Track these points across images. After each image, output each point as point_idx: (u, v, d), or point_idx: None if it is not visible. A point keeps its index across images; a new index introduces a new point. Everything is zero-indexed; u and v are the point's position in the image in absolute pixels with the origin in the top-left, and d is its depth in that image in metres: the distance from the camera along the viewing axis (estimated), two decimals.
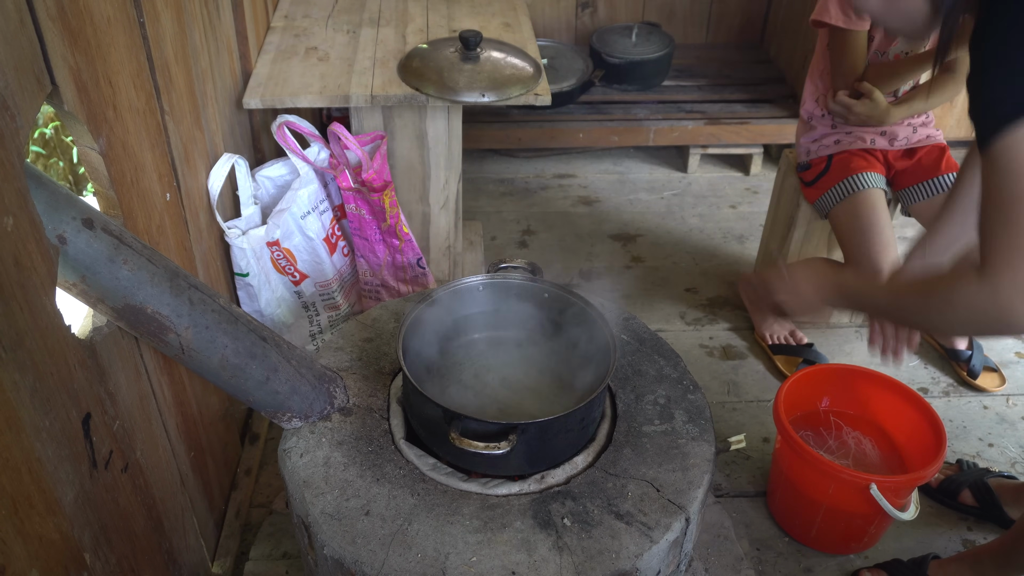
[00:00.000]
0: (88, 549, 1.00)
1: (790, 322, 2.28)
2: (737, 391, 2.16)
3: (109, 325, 1.12)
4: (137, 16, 1.25)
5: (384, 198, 1.90)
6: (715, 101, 3.02)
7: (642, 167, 3.13)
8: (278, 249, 1.87)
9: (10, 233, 0.81)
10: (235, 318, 1.16)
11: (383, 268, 2.07)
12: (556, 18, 3.27)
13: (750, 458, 1.97)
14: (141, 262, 1.03)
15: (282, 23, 2.20)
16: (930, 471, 1.57)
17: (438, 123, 1.94)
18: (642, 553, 1.11)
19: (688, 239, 2.74)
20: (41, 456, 0.88)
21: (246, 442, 1.89)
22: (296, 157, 1.90)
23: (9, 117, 0.82)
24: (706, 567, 1.59)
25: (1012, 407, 2.11)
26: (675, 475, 1.22)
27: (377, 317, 1.52)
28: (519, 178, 3.06)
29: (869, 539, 1.73)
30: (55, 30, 0.96)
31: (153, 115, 1.32)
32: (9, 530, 0.82)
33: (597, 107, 2.98)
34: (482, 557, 1.10)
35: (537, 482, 1.21)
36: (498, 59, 1.96)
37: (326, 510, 1.15)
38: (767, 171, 3.08)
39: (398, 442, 1.26)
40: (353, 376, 1.38)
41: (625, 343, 1.47)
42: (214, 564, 1.61)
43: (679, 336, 2.33)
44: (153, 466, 1.28)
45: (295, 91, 1.87)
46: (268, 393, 1.21)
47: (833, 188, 2.00)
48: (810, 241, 2.22)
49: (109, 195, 1.16)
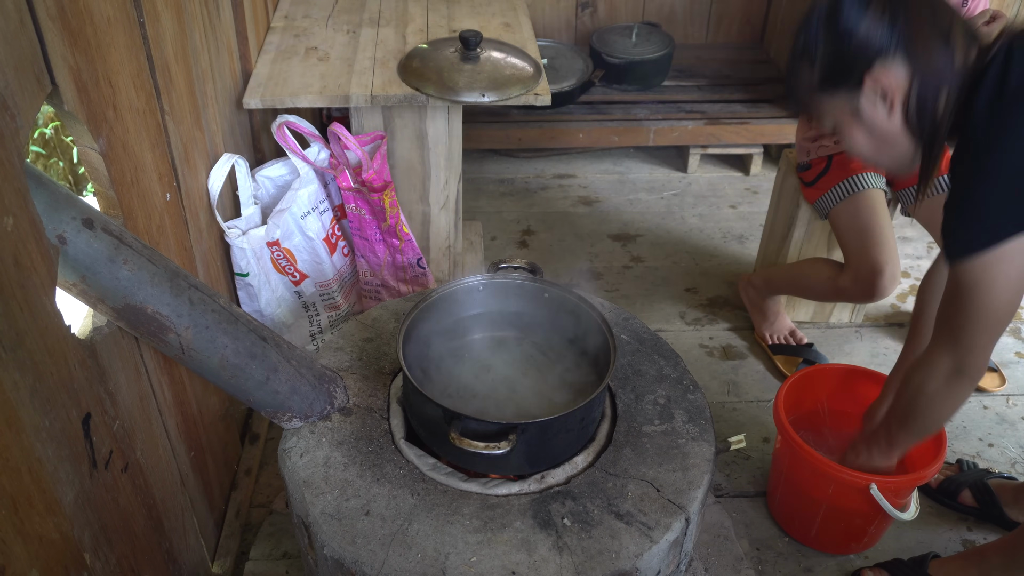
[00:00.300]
0: (88, 549, 1.00)
1: (790, 322, 2.29)
2: (737, 391, 2.16)
3: (109, 325, 1.12)
4: (137, 16, 1.25)
5: (384, 198, 1.90)
6: (715, 101, 3.02)
7: (642, 167, 3.13)
8: (278, 249, 1.87)
9: (10, 233, 0.81)
10: (235, 318, 1.16)
11: (383, 268, 2.07)
12: (556, 18, 3.27)
13: (750, 458, 1.97)
14: (141, 262, 1.03)
15: (282, 23, 2.20)
16: (930, 471, 1.57)
17: (438, 123, 1.94)
18: (642, 553, 1.11)
19: (688, 239, 2.74)
20: (41, 456, 0.88)
21: (246, 442, 1.89)
22: (296, 157, 1.90)
23: (9, 117, 0.82)
24: (706, 567, 1.59)
25: (1012, 407, 2.11)
26: (675, 475, 1.22)
27: (377, 317, 1.52)
28: (519, 178, 3.06)
29: (869, 539, 1.73)
30: (55, 30, 0.96)
31: (153, 115, 1.32)
32: (9, 530, 0.82)
33: (597, 107, 2.98)
34: (482, 557, 1.10)
35: (537, 482, 1.21)
36: (498, 59, 1.96)
37: (326, 510, 1.15)
38: (767, 171, 3.08)
39: (398, 442, 1.26)
40: (353, 376, 1.38)
41: (625, 343, 1.47)
42: (214, 564, 1.61)
43: (679, 336, 2.33)
44: (153, 466, 1.28)
45: (295, 91, 1.87)
46: (268, 393, 1.21)
47: (833, 188, 2.00)
48: (810, 241, 2.22)
49: (109, 195, 1.16)
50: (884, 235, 1.90)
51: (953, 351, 1.26)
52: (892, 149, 1.24)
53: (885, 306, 2.45)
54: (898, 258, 1.90)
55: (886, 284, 1.90)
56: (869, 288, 1.92)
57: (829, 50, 1.21)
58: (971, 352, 1.24)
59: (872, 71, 1.18)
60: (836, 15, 1.19)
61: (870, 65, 1.17)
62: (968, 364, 1.26)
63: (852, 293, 1.98)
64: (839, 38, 1.19)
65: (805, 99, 1.29)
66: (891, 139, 1.23)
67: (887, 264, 1.88)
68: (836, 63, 1.21)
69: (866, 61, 1.18)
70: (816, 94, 1.26)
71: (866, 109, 1.21)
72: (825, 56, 1.22)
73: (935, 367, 1.29)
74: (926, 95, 1.17)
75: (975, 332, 1.22)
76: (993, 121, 1.12)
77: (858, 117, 1.23)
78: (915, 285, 2.54)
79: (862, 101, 1.21)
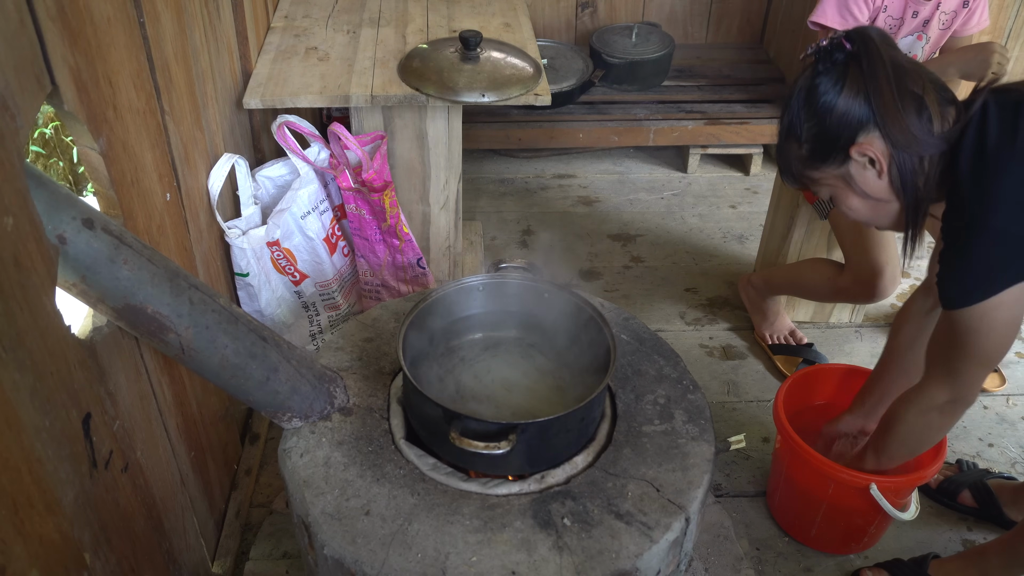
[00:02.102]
0: (88, 549, 1.00)
1: (789, 322, 2.29)
2: (737, 391, 2.16)
3: (109, 325, 1.12)
4: (137, 16, 1.25)
5: (384, 198, 1.90)
6: (715, 101, 3.02)
7: (642, 167, 3.13)
8: (278, 249, 1.87)
9: (10, 233, 0.81)
10: (235, 318, 1.16)
11: (383, 268, 2.07)
12: (556, 18, 3.27)
13: (750, 458, 1.97)
14: (141, 262, 1.02)
15: (282, 23, 2.20)
16: (930, 471, 1.57)
17: (438, 123, 1.94)
18: (642, 553, 1.11)
19: (688, 239, 2.74)
20: (41, 456, 0.88)
21: (246, 442, 1.89)
22: (296, 157, 1.90)
23: (9, 117, 0.82)
24: (706, 567, 1.59)
25: (1012, 407, 2.11)
26: (675, 475, 1.22)
27: (377, 317, 1.52)
28: (519, 178, 3.06)
29: (869, 539, 1.73)
30: (55, 30, 0.96)
31: (153, 115, 1.32)
32: (9, 530, 0.81)
33: (597, 107, 2.98)
34: (482, 557, 1.10)
35: (537, 482, 1.21)
36: (498, 59, 1.96)
37: (326, 510, 1.15)
38: (767, 171, 3.08)
39: (398, 442, 1.26)
40: (353, 376, 1.38)
41: (625, 343, 1.47)
42: (214, 564, 1.61)
43: (679, 336, 2.33)
44: (153, 466, 1.28)
45: (295, 91, 1.87)
46: (268, 393, 1.21)
47: None
48: (810, 241, 2.22)
49: (109, 195, 1.16)
50: (884, 236, 1.91)
51: (951, 386, 1.32)
52: (888, 208, 1.28)
53: (885, 306, 2.45)
54: (898, 259, 1.90)
55: (886, 285, 1.90)
56: (869, 289, 1.92)
57: (812, 129, 1.26)
58: (968, 386, 1.31)
59: (856, 143, 1.22)
60: (814, 95, 1.23)
61: (853, 138, 1.22)
62: (964, 395, 1.32)
63: (852, 294, 1.98)
64: (819, 116, 1.24)
65: (798, 174, 1.34)
66: (885, 200, 1.27)
67: (887, 265, 1.88)
68: (821, 139, 1.26)
69: (849, 135, 1.22)
70: (807, 169, 1.31)
71: (857, 176, 1.26)
72: (810, 134, 1.26)
73: (931, 400, 1.35)
74: (905, 162, 1.21)
75: (972, 369, 1.28)
76: (977, 182, 1.16)
77: (850, 184, 1.27)
78: (915, 285, 2.54)
79: (851, 169, 1.25)
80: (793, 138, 1.29)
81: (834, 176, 1.28)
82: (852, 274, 1.95)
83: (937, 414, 1.36)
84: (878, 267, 1.88)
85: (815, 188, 1.34)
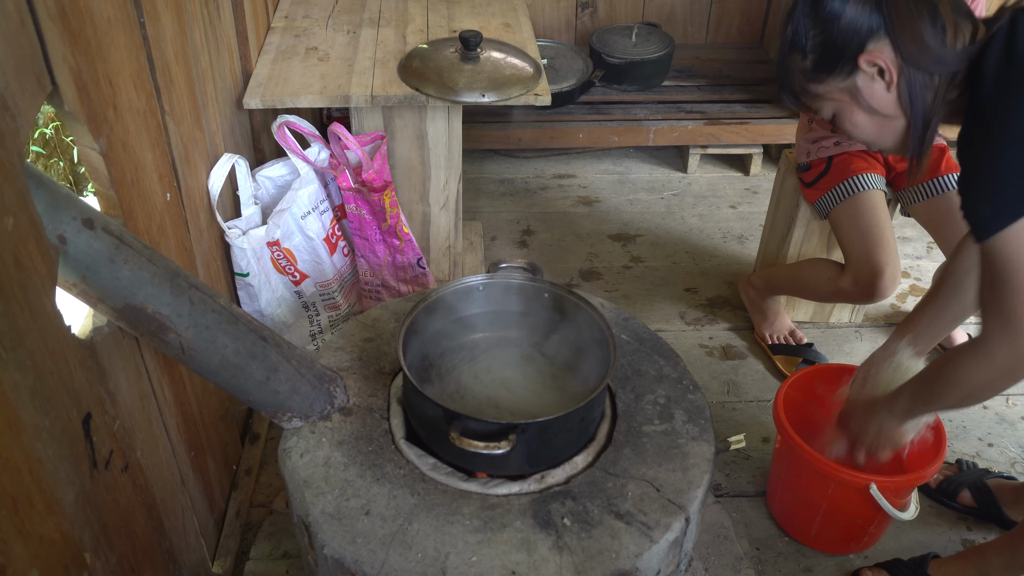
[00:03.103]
0: (88, 549, 1.00)
1: (789, 322, 2.29)
2: (737, 391, 2.16)
3: (109, 325, 1.12)
4: (137, 16, 1.25)
5: (384, 198, 1.90)
6: (715, 101, 3.02)
7: (642, 167, 3.13)
8: (278, 249, 1.87)
9: (10, 233, 0.81)
10: (235, 318, 1.16)
11: (383, 268, 2.07)
12: (556, 18, 3.27)
13: (750, 458, 1.97)
14: (141, 262, 1.03)
15: (282, 23, 2.20)
16: (930, 471, 1.57)
17: (438, 123, 1.94)
18: (642, 553, 1.11)
19: (688, 239, 2.74)
20: (41, 456, 0.88)
21: (246, 442, 1.89)
22: (296, 157, 1.90)
23: (9, 117, 0.82)
24: (706, 567, 1.59)
25: (1012, 407, 2.12)
26: (675, 475, 1.22)
27: (377, 317, 1.52)
28: (519, 178, 3.06)
29: (869, 539, 1.73)
30: (55, 30, 0.96)
31: (153, 115, 1.32)
32: (9, 530, 0.82)
33: (597, 107, 2.98)
34: (482, 557, 1.10)
35: (537, 482, 1.21)
36: (498, 59, 1.96)
37: (326, 510, 1.15)
38: (767, 171, 3.08)
39: (398, 442, 1.26)
40: (353, 376, 1.38)
41: (625, 343, 1.47)
42: (214, 564, 1.61)
43: (679, 336, 2.34)
44: (153, 466, 1.28)
45: (295, 91, 1.87)
46: (268, 393, 1.21)
47: (833, 189, 2.00)
48: (810, 241, 2.22)
49: (109, 195, 1.16)
50: (884, 236, 1.91)
51: (1011, 339, 1.13)
52: (894, 125, 1.22)
53: (885, 306, 2.45)
54: (898, 259, 1.90)
55: (886, 285, 1.90)
56: (869, 289, 1.92)
57: (818, 37, 1.20)
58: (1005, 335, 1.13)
59: (865, 51, 1.17)
60: (820, 2, 1.18)
61: (862, 46, 1.16)
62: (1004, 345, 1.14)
63: (852, 294, 1.98)
64: (826, 24, 1.18)
65: (800, 90, 1.28)
66: (892, 116, 1.21)
67: (887, 265, 1.88)
68: (827, 48, 1.20)
69: (858, 43, 1.17)
70: (811, 83, 1.25)
71: (864, 89, 1.20)
72: (815, 43, 1.21)
73: (992, 358, 1.16)
74: (915, 74, 1.15)
75: None
76: (1005, 87, 1.07)
77: (857, 98, 1.22)
78: (915, 285, 2.54)
79: (859, 81, 1.20)
80: (797, 50, 1.22)
81: (839, 89, 1.22)
82: (852, 274, 1.95)
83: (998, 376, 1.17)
84: (878, 267, 1.88)
85: (817, 105, 1.27)
